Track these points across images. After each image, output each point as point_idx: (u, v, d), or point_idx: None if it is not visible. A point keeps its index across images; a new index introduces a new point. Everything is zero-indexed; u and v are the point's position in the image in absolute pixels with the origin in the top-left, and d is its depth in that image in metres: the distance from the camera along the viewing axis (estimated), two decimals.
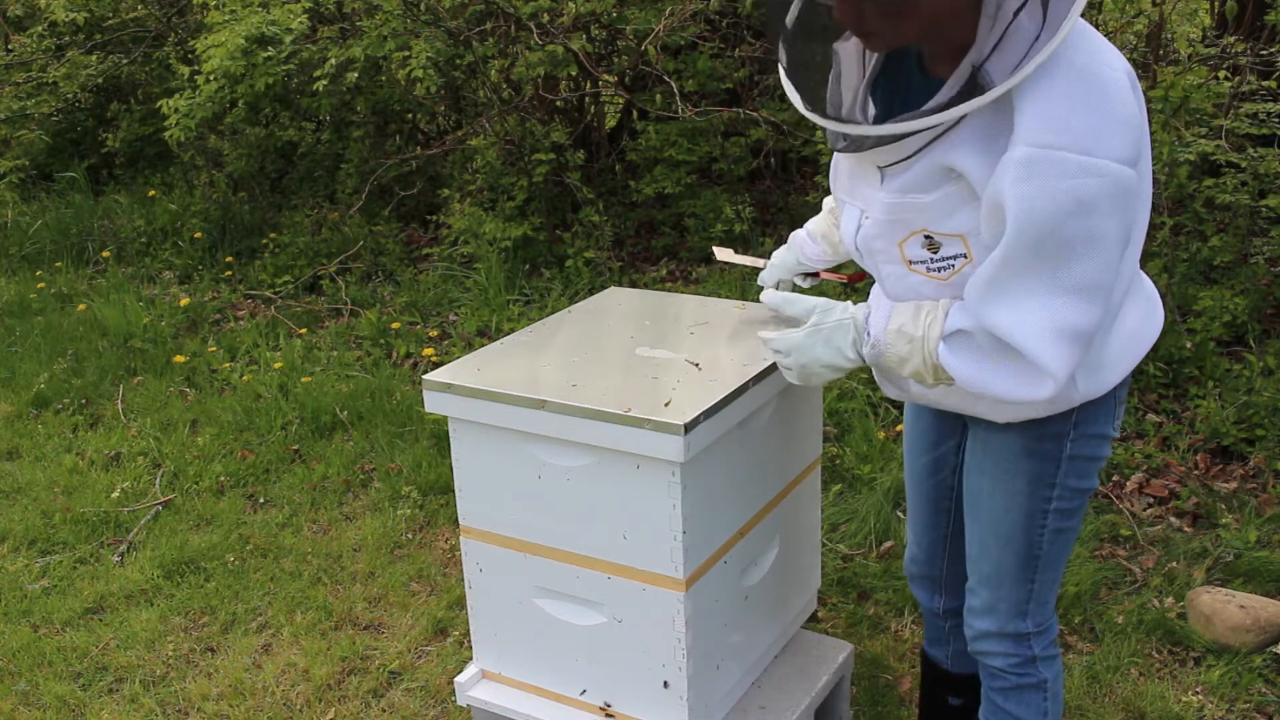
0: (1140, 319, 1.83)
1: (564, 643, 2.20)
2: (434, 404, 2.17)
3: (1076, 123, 1.53)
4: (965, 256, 1.69)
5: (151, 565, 3.39)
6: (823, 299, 1.89)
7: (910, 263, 1.76)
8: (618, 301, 2.60)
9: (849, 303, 1.87)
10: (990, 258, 1.63)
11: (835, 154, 1.85)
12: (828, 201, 2.19)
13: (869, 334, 1.80)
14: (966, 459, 1.99)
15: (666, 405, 1.95)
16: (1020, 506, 1.90)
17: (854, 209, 1.84)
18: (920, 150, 1.67)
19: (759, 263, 2.40)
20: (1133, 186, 1.57)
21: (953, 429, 2.09)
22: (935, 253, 1.72)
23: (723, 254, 2.52)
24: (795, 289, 2.37)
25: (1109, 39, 4.62)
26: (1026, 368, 1.66)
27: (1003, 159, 1.57)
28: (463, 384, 2.12)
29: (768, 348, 1.95)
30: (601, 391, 2.03)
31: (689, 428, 1.90)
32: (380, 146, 5.98)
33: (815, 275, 2.33)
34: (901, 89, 1.76)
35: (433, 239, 5.71)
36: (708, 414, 1.94)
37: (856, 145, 1.70)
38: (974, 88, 1.56)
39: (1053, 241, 1.57)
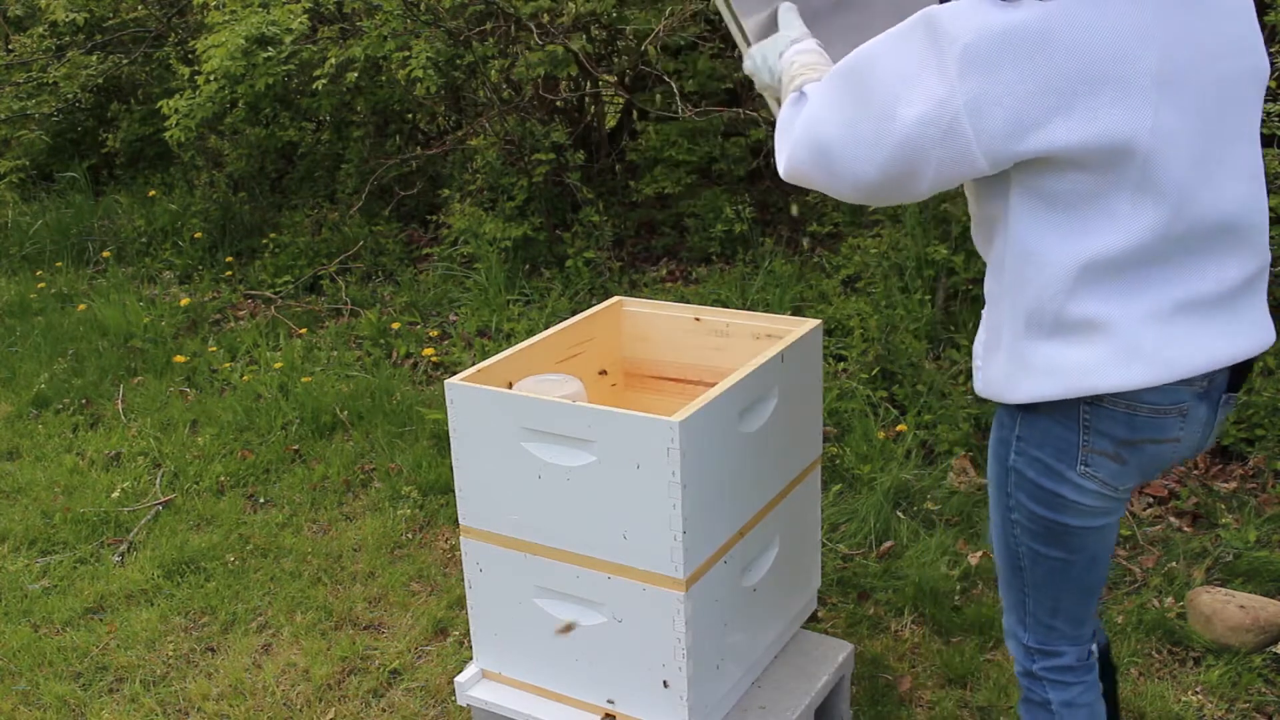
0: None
1: (564, 643, 2.21)
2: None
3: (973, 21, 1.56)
4: None
5: (151, 565, 3.40)
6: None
7: None
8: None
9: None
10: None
11: None
12: None
13: (794, 40, 1.92)
14: None
15: None
16: (995, 506, 1.86)
17: None
18: None
19: None
20: (959, 112, 1.54)
21: None
22: None
23: None
24: None
25: None
26: (790, 130, 1.78)
27: None
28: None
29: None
30: None
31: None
32: (380, 146, 5.98)
33: None
34: None
35: (433, 239, 5.71)
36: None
37: None
38: None
39: (878, 75, 1.63)
